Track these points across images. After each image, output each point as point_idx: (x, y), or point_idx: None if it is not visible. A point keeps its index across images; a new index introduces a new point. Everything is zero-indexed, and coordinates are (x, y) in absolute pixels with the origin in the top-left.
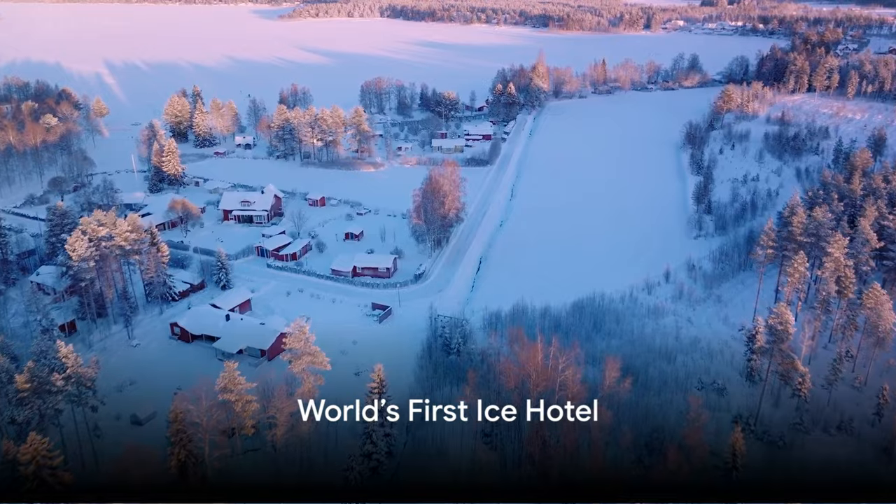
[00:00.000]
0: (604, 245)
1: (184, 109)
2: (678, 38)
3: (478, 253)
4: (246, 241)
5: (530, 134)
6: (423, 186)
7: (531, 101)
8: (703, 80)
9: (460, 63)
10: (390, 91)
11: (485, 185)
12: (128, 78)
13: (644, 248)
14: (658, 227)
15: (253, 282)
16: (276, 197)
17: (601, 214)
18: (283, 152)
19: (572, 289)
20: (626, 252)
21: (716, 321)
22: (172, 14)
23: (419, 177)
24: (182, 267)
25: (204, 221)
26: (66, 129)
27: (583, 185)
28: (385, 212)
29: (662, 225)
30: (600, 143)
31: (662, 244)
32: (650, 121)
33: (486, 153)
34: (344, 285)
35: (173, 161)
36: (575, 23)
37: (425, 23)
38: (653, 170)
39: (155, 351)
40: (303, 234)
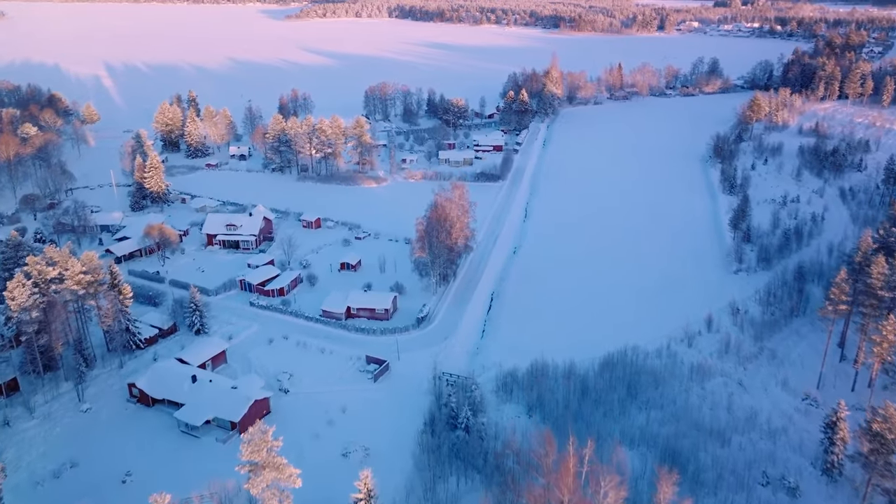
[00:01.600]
0: (631, 278)
1: (175, 117)
2: (693, 40)
3: (489, 287)
4: (230, 271)
5: (544, 144)
6: (427, 214)
7: (544, 108)
8: (724, 86)
9: (469, 66)
10: (396, 97)
11: (496, 203)
12: (126, 80)
13: (678, 284)
14: (691, 258)
15: (232, 324)
16: (265, 219)
17: (625, 240)
18: (279, 165)
19: (598, 334)
20: (656, 288)
21: (773, 385)
22: (180, 14)
23: (424, 194)
24: (154, 304)
25: (186, 247)
26: (45, 140)
27: (603, 205)
28: (386, 235)
29: (696, 254)
30: (619, 155)
31: (698, 279)
32: (671, 130)
33: (498, 167)
34: (336, 330)
35: (157, 177)
36: (587, 24)
37: (434, 23)
38: (679, 187)
39: (108, 418)
40: (293, 262)
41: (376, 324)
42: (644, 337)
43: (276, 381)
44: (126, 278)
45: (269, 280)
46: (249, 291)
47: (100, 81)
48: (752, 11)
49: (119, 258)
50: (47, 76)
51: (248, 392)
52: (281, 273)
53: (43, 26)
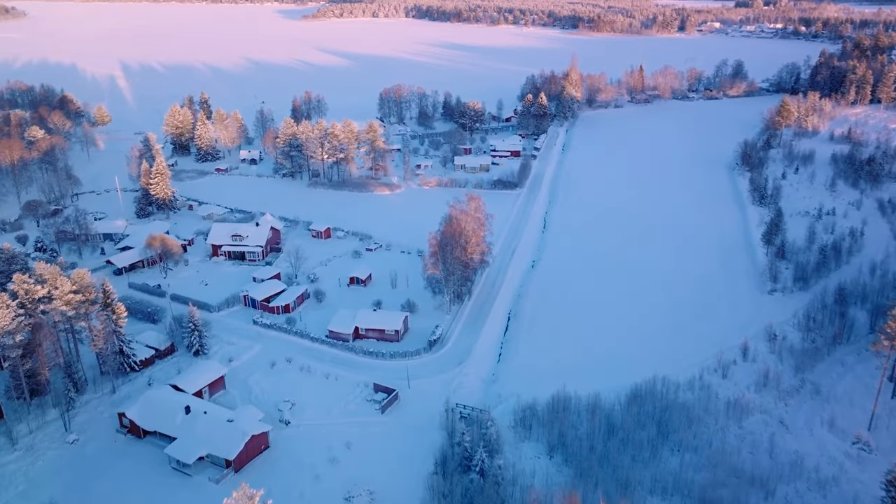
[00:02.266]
0: (657, 297)
1: (186, 120)
2: (715, 42)
3: (506, 306)
4: (234, 285)
5: (563, 149)
6: (440, 228)
7: (563, 112)
8: (749, 89)
9: (486, 67)
10: (411, 99)
11: (513, 213)
12: (141, 81)
13: (708, 305)
14: (721, 275)
15: (233, 344)
16: (272, 230)
17: (649, 255)
18: (290, 170)
19: (624, 360)
20: (685, 309)
21: (818, 425)
22: (199, 13)
23: (439, 202)
24: (152, 321)
25: (190, 257)
26: (51, 144)
27: (625, 215)
28: (398, 246)
29: (726, 271)
30: (642, 161)
31: (730, 300)
32: (695, 135)
33: (515, 174)
34: (342, 353)
35: (163, 183)
36: (606, 24)
37: (451, 23)
38: (706, 197)
39: (95, 451)
40: (300, 276)
41: (386, 346)
42: (674, 365)
43: (276, 411)
44: (125, 292)
45: (275, 296)
46: (253, 307)
47: (115, 82)
48: (774, 12)
49: (120, 270)
50: (63, 76)
51: (245, 426)
52: (287, 288)
53: (63, 26)
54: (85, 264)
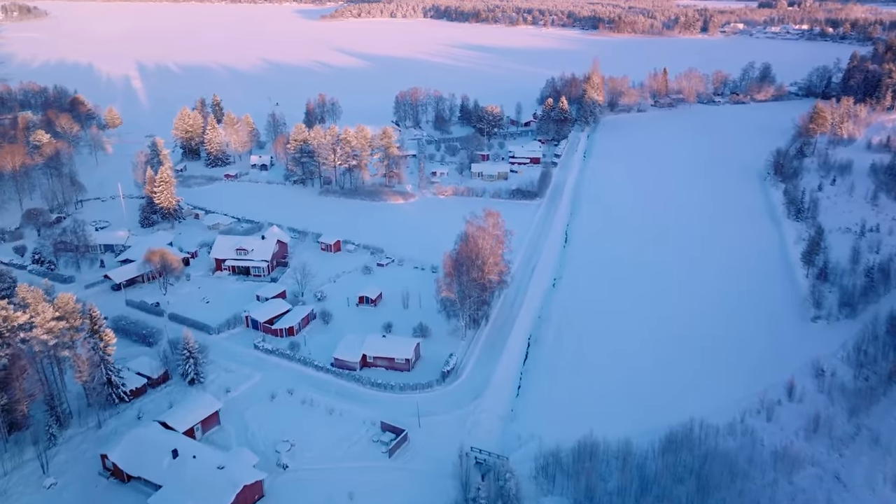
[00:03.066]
0: (688, 323)
1: (196, 124)
2: (739, 43)
3: (525, 330)
4: (237, 303)
5: (584, 156)
6: (456, 247)
7: (584, 116)
8: (777, 93)
9: (505, 68)
10: (427, 102)
11: (533, 225)
12: (156, 82)
13: (745, 334)
14: (758, 299)
15: (232, 372)
16: (279, 243)
17: (678, 274)
18: (301, 177)
19: (655, 397)
20: (720, 337)
21: (880, 481)
22: (218, 13)
23: (455, 212)
24: (147, 344)
25: (193, 271)
26: (55, 149)
27: (651, 228)
28: (411, 261)
29: (763, 295)
30: (667, 169)
31: (769, 328)
32: (723, 142)
33: (535, 183)
34: (348, 384)
35: (167, 192)
36: (627, 25)
37: (469, 24)
38: (737, 210)
39: (74, 497)
40: (307, 294)
41: (395, 376)
42: (711, 404)
43: (273, 453)
44: (122, 311)
45: (278, 317)
46: (255, 329)
47: (130, 83)
48: (799, 13)
49: (118, 285)
50: (79, 77)
51: (237, 474)
52: (292, 308)
53: (84, 26)
54: (83, 278)
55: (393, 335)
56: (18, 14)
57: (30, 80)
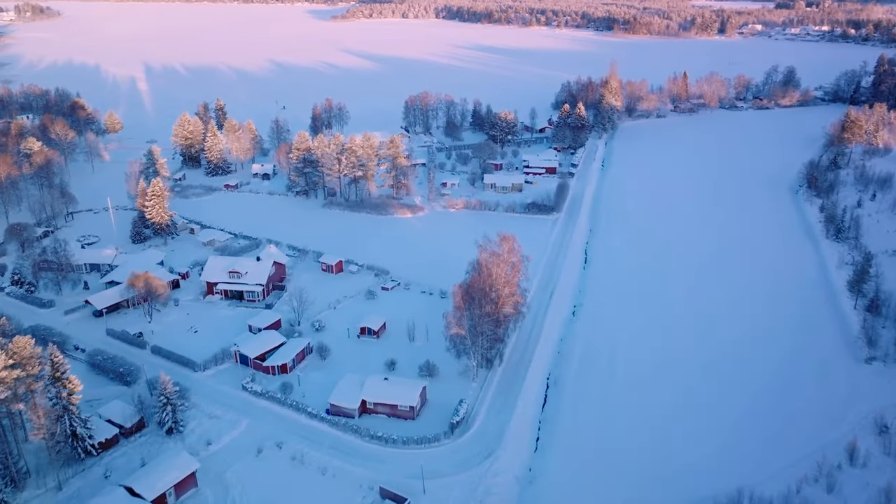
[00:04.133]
0: (725, 362)
1: (196, 130)
2: (758, 45)
3: (544, 369)
4: (228, 331)
5: (602, 166)
6: (467, 277)
7: (602, 123)
8: (803, 99)
9: (518, 71)
10: (438, 107)
11: (550, 243)
12: (162, 84)
13: (790, 379)
14: (803, 336)
15: (216, 419)
16: (276, 265)
17: (709, 301)
18: (304, 188)
19: (693, 453)
20: (763, 382)
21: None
22: (229, 13)
23: (466, 229)
24: (125, 382)
25: (183, 295)
26: (46, 158)
27: (676, 248)
28: (418, 285)
29: (808, 331)
30: (691, 181)
31: (818, 372)
32: (749, 150)
33: (552, 196)
34: (345, 435)
35: (159, 206)
36: (642, 26)
37: (481, 24)
38: (769, 227)
39: None
40: (304, 322)
41: (398, 426)
42: (759, 469)
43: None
44: (101, 342)
45: (271, 351)
46: (245, 365)
47: (135, 84)
48: (818, 14)
49: (100, 311)
50: (85, 78)
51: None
52: (286, 341)
53: (95, 26)
54: (64, 302)
55: (396, 377)
56: (31, 14)
57: (33, 82)
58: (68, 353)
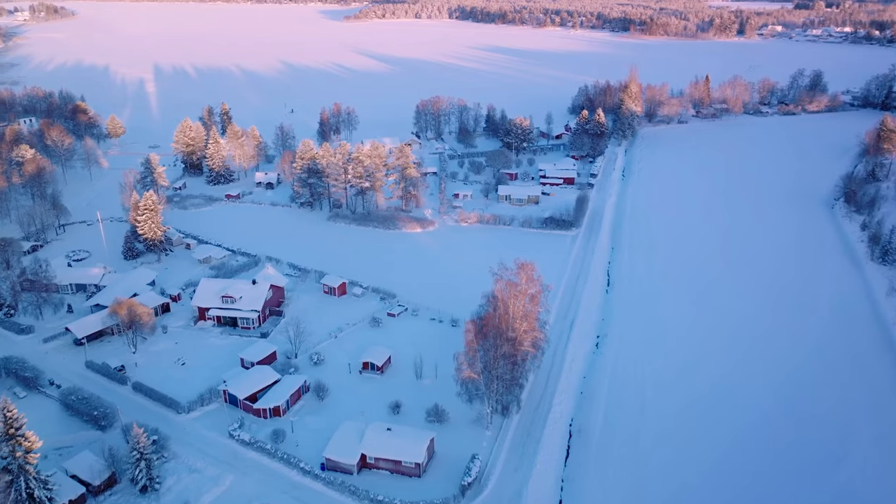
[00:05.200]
0: (767, 407)
1: (198, 136)
2: (779, 47)
3: (566, 414)
4: (219, 364)
5: (623, 176)
6: (481, 313)
7: (622, 129)
8: (831, 104)
9: (533, 73)
10: (451, 112)
11: (570, 263)
12: (170, 85)
13: (845, 434)
14: (852, 375)
15: (197, 473)
16: (273, 288)
17: (745, 330)
18: (308, 199)
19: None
20: (812, 434)
21: None
22: (243, 13)
23: (480, 246)
24: (100, 427)
25: (172, 321)
26: (37, 167)
27: (706, 269)
28: (427, 310)
29: (858, 372)
30: (718, 192)
31: (874, 424)
32: (776, 160)
33: (571, 209)
34: (342, 497)
35: (152, 221)
36: (659, 27)
37: (495, 25)
38: (805, 246)
39: None
40: (302, 354)
41: (402, 485)
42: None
43: None
44: (79, 377)
45: (263, 390)
46: (235, 406)
47: (143, 86)
48: (839, 14)
49: (80, 340)
50: (94, 79)
51: None
52: (280, 378)
53: (109, 26)
54: (44, 327)
55: (400, 425)
56: (45, 14)
57: (42, 83)
58: (41, 390)
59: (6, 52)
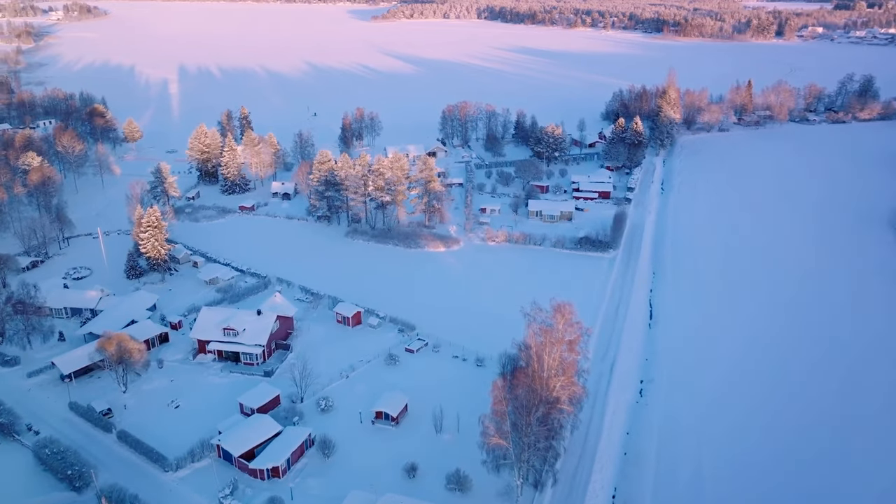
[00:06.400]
0: (843, 467)
1: (214, 143)
2: (821, 49)
3: (607, 482)
4: (216, 408)
5: (662, 189)
6: (511, 367)
7: (659, 137)
8: (885, 111)
9: (563, 76)
10: (478, 118)
11: (608, 291)
12: (194, 86)
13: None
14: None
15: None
16: (280, 319)
17: (810, 376)
18: (325, 213)
19: None
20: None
21: None
22: (272, 13)
23: (509, 269)
24: (75, 488)
25: (168, 355)
26: (42, 176)
27: (760, 301)
28: (449, 346)
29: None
30: (767, 209)
31: None
32: (828, 172)
33: (607, 228)
34: None
35: (155, 239)
36: (694, 28)
37: (524, 25)
38: (869, 276)
39: None
40: (308, 398)
41: None
42: None
43: None
44: (61, 421)
45: (262, 445)
46: (229, 463)
47: (166, 88)
48: (882, 15)
49: (67, 376)
50: (119, 80)
51: None
52: (283, 430)
53: (140, 26)
54: (32, 358)
55: (416, 497)
56: (78, 14)
57: (68, 83)
58: (17, 437)
59: (36, 52)
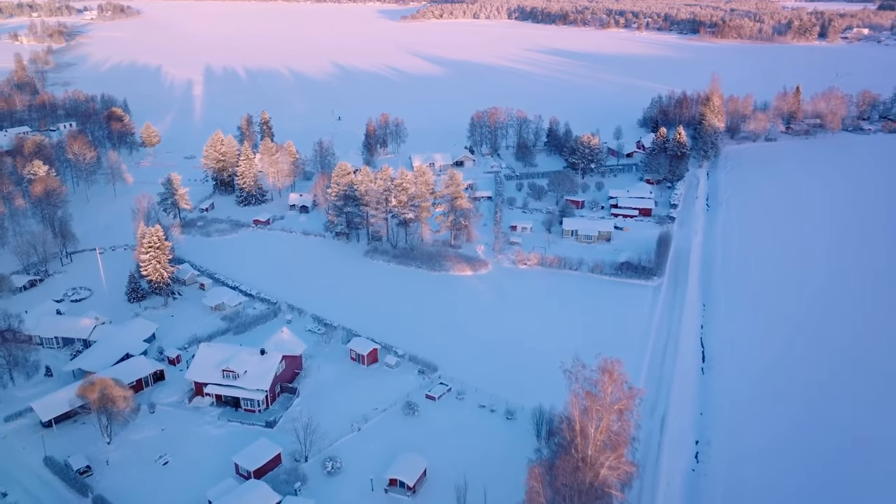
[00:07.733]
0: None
1: (230, 151)
2: (867, 52)
3: None
4: (210, 466)
5: (707, 206)
6: (549, 445)
7: (703, 148)
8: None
9: (597, 79)
10: (508, 125)
11: (653, 327)
12: (219, 88)
13: None
14: None
15: None
16: (286, 359)
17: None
18: (344, 230)
19: None
20: None
21: None
22: (302, 13)
23: (541, 298)
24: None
25: (161, 398)
26: (45, 188)
27: (828, 341)
28: (476, 392)
29: None
30: (823, 229)
31: None
32: (889, 187)
33: (650, 251)
34: None
35: (157, 261)
36: (731, 30)
37: (556, 26)
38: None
39: None
40: (313, 456)
41: None
42: None
43: None
44: (31, 481)
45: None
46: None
47: (190, 89)
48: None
49: (49, 421)
50: (144, 80)
51: None
52: (281, 500)
53: (171, 25)
54: (14, 397)
55: None
56: (112, 13)
57: (91, 85)
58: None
59: (66, 52)
